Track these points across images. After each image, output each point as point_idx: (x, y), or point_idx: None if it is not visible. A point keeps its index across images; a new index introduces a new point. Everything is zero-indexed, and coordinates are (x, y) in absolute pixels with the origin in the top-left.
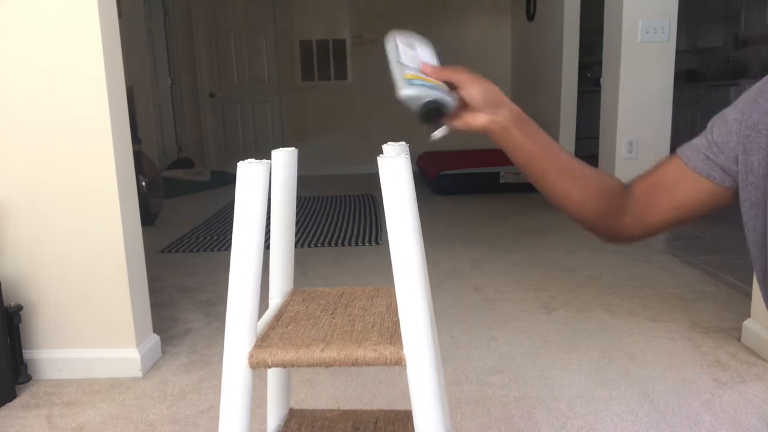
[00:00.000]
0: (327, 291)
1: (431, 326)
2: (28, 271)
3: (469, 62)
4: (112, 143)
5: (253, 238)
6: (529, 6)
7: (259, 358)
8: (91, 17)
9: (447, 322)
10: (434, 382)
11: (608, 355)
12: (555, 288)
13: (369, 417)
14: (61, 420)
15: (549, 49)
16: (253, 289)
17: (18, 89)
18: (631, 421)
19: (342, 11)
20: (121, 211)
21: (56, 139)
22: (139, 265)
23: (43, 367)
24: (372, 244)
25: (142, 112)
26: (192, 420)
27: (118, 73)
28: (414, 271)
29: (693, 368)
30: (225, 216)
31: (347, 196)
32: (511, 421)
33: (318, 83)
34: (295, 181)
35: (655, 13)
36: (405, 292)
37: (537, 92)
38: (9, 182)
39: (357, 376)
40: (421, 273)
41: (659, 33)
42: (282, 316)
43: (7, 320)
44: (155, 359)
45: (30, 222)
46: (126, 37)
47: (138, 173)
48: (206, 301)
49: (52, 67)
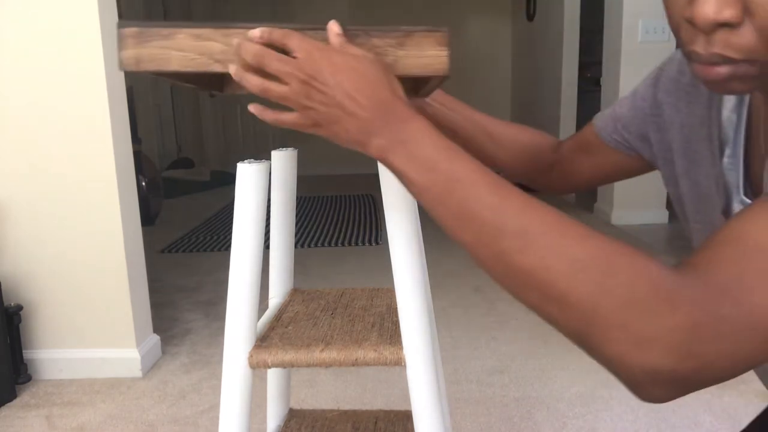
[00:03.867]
0: (327, 291)
1: (431, 326)
2: (28, 271)
3: (469, 62)
4: (112, 143)
5: (253, 238)
6: (529, 6)
7: (259, 359)
8: (91, 17)
9: (447, 322)
10: (434, 383)
11: None
12: None
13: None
14: (61, 420)
15: (549, 49)
16: (253, 290)
17: (18, 89)
18: (631, 421)
19: (342, 11)
20: (121, 211)
21: (56, 139)
22: (139, 265)
23: (43, 367)
24: (372, 244)
25: (142, 112)
26: (192, 420)
27: (118, 73)
28: (414, 271)
29: None
30: (225, 216)
31: (347, 196)
32: (511, 421)
33: None
34: (294, 182)
35: (655, 13)
36: (405, 292)
37: (537, 92)
38: (9, 182)
39: (357, 376)
40: (421, 273)
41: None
42: (282, 317)
43: (7, 320)
44: (155, 359)
45: (30, 222)
46: None
47: (138, 173)
48: (206, 301)
49: (52, 67)
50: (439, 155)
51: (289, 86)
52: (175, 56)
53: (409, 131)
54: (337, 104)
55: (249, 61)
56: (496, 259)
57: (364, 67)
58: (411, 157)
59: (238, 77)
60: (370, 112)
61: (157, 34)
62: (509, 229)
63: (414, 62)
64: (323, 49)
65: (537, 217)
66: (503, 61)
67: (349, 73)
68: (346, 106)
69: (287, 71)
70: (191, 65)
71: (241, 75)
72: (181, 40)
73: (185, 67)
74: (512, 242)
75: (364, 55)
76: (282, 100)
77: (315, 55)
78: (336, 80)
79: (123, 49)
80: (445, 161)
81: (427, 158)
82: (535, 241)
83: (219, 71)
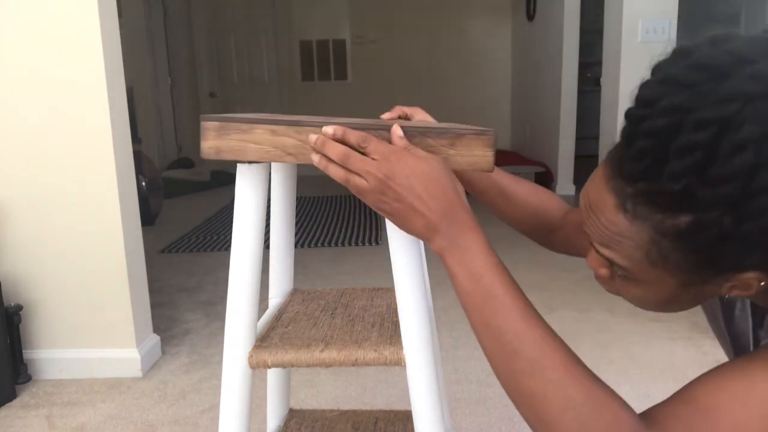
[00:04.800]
0: (327, 291)
1: (431, 326)
2: (28, 271)
3: (469, 62)
4: (112, 143)
5: (253, 238)
6: (529, 6)
7: (259, 359)
8: (91, 17)
9: (447, 322)
10: (434, 383)
11: (608, 355)
12: (555, 288)
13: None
14: (61, 420)
15: (549, 49)
16: (253, 290)
17: (18, 89)
18: None
19: (342, 11)
20: (121, 211)
21: (56, 140)
22: (139, 265)
23: (43, 367)
24: (372, 244)
25: (142, 112)
26: (192, 420)
27: (118, 73)
28: (414, 271)
29: (693, 368)
30: (225, 216)
31: (347, 196)
32: (511, 421)
33: (318, 83)
34: (295, 182)
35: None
36: (405, 292)
37: (537, 92)
38: (9, 182)
39: (357, 376)
40: (421, 273)
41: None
42: (282, 317)
43: (7, 320)
44: (155, 359)
45: (30, 222)
46: (126, 37)
47: (138, 173)
48: (206, 301)
49: (52, 68)
50: (486, 270)
51: (367, 182)
52: (252, 148)
53: (468, 241)
54: (408, 204)
55: (334, 159)
56: (507, 374)
57: (435, 172)
58: (463, 263)
59: (323, 167)
60: (437, 216)
61: (237, 129)
62: (524, 355)
63: (463, 160)
64: (397, 153)
65: (550, 351)
66: (503, 61)
67: (421, 177)
68: (416, 207)
69: (367, 170)
70: (266, 157)
71: (325, 165)
72: (258, 134)
73: (261, 158)
74: (524, 366)
75: (434, 159)
76: (360, 194)
77: (391, 158)
78: (409, 183)
79: (205, 139)
80: (488, 276)
81: (476, 269)
82: (543, 372)
83: (291, 162)
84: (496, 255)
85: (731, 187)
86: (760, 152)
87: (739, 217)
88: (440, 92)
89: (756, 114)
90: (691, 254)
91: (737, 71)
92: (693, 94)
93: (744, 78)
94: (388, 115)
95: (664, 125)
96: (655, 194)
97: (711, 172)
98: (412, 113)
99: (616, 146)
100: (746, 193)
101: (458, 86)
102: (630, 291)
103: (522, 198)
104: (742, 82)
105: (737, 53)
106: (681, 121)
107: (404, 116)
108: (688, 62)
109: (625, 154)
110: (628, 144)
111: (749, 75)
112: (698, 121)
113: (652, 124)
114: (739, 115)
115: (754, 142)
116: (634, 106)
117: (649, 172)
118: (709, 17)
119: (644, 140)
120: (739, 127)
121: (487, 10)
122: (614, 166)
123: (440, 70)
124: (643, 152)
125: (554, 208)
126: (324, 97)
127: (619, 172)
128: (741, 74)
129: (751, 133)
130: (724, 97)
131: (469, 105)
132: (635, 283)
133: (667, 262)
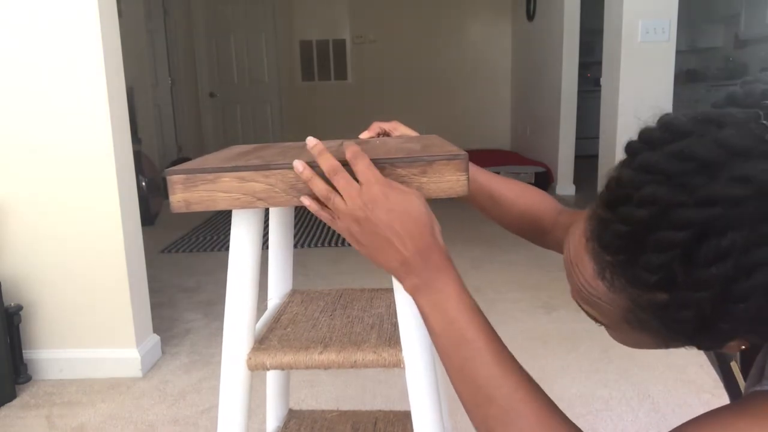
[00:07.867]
0: (326, 292)
1: None
2: (28, 271)
3: (469, 62)
4: (112, 143)
5: (251, 239)
6: (529, 6)
7: (258, 361)
8: (91, 17)
9: None
10: (433, 385)
11: (608, 355)
12: (555, 288)
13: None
14: (61, 420)
15: (549, 49)
16: (252, 291)
17: (18, 89)
18: (631, 421)
19: (342, 11)
20: (121, 211)
21: (56, 139)
22: (139, 265)
23: (43, 367)
24: None
25: (142, 112)
26: (192, 420)
27: (118, 73)
28: None
29: (693, 368)
30: (225, 216)
31: None
32: None
33: (318, 83)
34: None
35: (655, 14)
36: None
37: (537, 92)
38: (9, 182)
39: (357, 377)
40: None
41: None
42: (281, 318)
43: (7, 320)
44: (155, 359)
45: (30, 222)
46: (126, 37)
47: (138, 173)
48: (206, 301)
49: (52, 68)
50: (459, 313)
51: (346, 205)
52: (222, 197)
53: (441, 282)
54: (384, 238)
55: (323, 168)
56: (481, 419)
57: (416, 211)
58: (436, 305)
59: (307, 178)
60: (413, 254)
61: (203, 179)
62: (498, 402)
63: (436, 187)
64: (382, 184)
65: (525, 399)
66: (503, 61)
67: (401, 215)
68: (393, 242)
69: (350, 193)
70: (237, 204)
71: (310, 176)
72: (225, 183)
73: (231, 206)
74: (497, 413)
75: (414, 195)
76: (337, 214)
77: (373, 188)
78: (389, 217)
79: (173, 193)
80: (462, 320)
81: (449, 311)
82: (517, 421)
83: (263, 207)
84: (470, 298)
85: (708, 293)
86: (741, 262)
87: (719, 301)
88: (440, 92)
89: (740, 221)
90: (670, 325)
91: (724, 170)
92: (676, 188)
93: (731, 179)
94: (366, 134)
95: (642, 216)
96: (632, 272)
97: (689, 273)
98: (391, 129)
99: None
100: (724, 296)
101: (458, 86)
102: (613, 334)
103: (512, 201)
104: (728, 183)
105: (728, 146)
106: (661, 214)
107: (383, 133)
108: (674, 150)
109: (604, 226)
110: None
111: (737, 176)
112: (679, 219)
113: (631, 212)
114: (723, 220)
115: (737, 251)
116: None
117: (626, 251)
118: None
119: (622, 225)
120: (722, 233)
121: (487, 10)
122: (593, 229)
123: (440, 70)
124: (620, 236)
125: (546, 209)
126: (324, 97)
127: (598, 239)
128: (728, 173)
129: (733, 242)
130: (708, 199)
131: (469, 105)
132: (617, 332)
133: (645, 328)
